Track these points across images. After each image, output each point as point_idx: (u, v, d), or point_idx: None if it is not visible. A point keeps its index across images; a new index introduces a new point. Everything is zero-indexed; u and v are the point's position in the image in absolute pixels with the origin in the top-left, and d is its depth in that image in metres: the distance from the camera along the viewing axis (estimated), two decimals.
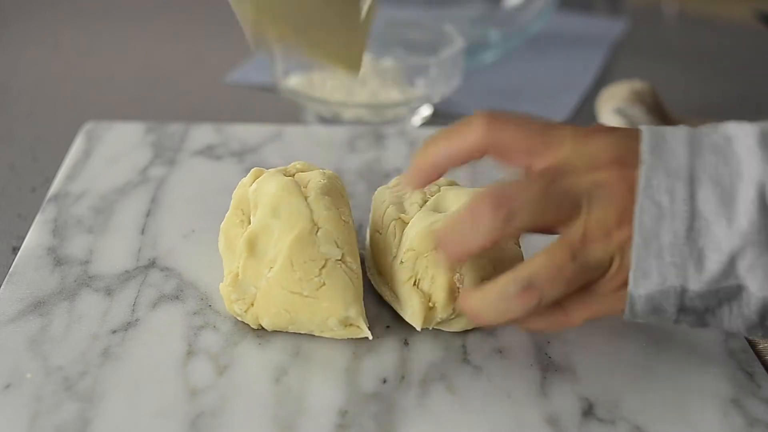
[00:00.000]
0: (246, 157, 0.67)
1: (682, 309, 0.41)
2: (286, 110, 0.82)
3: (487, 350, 0.48)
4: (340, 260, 0.47)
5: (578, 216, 0.41)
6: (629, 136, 0.42)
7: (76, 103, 0.84)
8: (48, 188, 0.63)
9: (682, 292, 0.40)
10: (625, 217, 0.40)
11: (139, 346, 0.47)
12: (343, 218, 0.49)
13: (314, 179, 0.51)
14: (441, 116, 0.81)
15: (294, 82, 0.78)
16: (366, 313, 0.49)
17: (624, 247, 0.40)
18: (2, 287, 0.51)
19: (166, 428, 0.42)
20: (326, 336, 0.48)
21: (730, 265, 0.39)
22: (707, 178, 0.40)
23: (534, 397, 0.45)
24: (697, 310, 0.41)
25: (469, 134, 0.43)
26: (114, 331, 0.48)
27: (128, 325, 0.49)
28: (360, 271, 0.48)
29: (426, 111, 0.81)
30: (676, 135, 0.42)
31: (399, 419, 0.43)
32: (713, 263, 0.39)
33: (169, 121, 0.73)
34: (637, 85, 0.77)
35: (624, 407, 0.44)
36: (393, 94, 0.77)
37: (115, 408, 0.43)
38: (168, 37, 1.01)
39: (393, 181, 0.55)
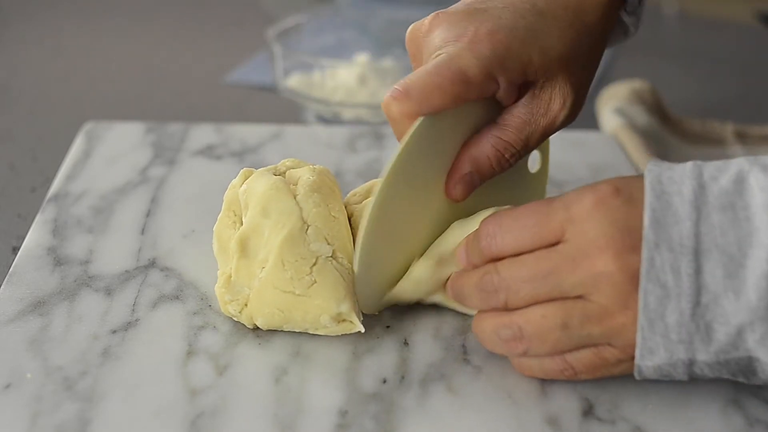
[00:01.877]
0: (246, 157, 0.67)
1: (693, 376, 0.41)
2: (286, 110, 0.82)
3: (487, 350, 0.48)
4: (330, 257, 0.47)
5: (579, 299, 0.41)
6: (628, 206, 0.41)
7: (76, 103, 0.84)
8: (48, 188, 0.63)
9: (691, 363, 0.40)
10: (629, 304, 0.40)
11: (139, 346, 0.47)
12: (333, 214, 0.49)
13: (304, 176, 0.51)
14: None
15: (294, 82, 0.78)
16: (365, 313, 0.49)
17: (624, 330, 0.41)
18: (2, 287, 0.51)
19: (166, 428, 0.42)
20: (321, 333, 0.48)
21: (739, 337, 0.39)
22: (714, 248, 0.39)
23: (534, 397, 0.45)
24: (706, 376, 0.41)
25: (485, 248, 0.44)
26: (114, 331, 0.48)
27: (128, 325, 0.49)
28: (352, 265, 0.48)
29: None
30: (682, 192, 0.40)
31: (399, 419, 0.43)
32: (721, 335, 0.39)
33: (169, 121, 0.73)
34: (637, 84, 0.77)
35: (624, 407, 0.44)
36: None
37: (115, 408, 0.43)
38: (168, 37, 1.01)
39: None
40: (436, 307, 0.51)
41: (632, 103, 0.75)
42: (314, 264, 0.47)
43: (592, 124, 0.77)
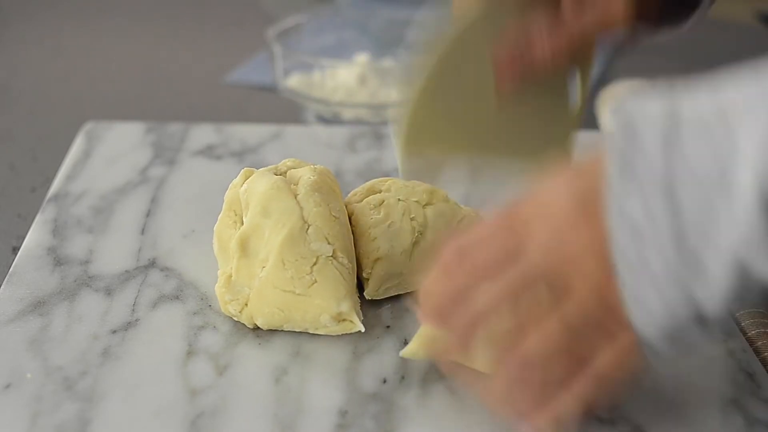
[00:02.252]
0: (246, 157, 0.67)
1: (701, 323, 0.35)
2: (286, 110, 0.82)
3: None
4: (331, 256, 0.47)
5: (556, 288, 0.38)
6: (587, 173, 0.38)
7: (76, 103, 0.84)
8: (48, 188, 0.63)
9: (695, 305, 0.35)
10: (607, 281, 0.36)
11: (139, 346, 0.47)
12: (333, 213, 0.49)
13: (304, 176, 0.51)
14: None
15: (294, 82, 0.78)
16: (365, 313, 0.49)
17: (609, 283, 0.36)
18: (2, 287, 0.51)
19: (166, 428, 0.42)
20: (321, 333, 0.48)
21: (741, 266, 0.33)
22: (688, 177, 0.34)
23: None
24: (718, 319, 0.35)
25: (449, 282, 0.40)
26: (114, 331, 0.48)
27: (128, 325, 0.49)
28: (352, 265, 0.48)
29: None
30: (652, 122, 0.35)
31: (399, 419, 0.43)
32: (715, 265, 0.34)
33: (169, 121, 0.73)
34: (636, 83, 0.77)
35: (624, 407, 0.44)
36: (393, 94, 0.77)
37: (115, 408, 0.43)
38: (168, 37, 1.01)
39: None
40: None
41: None
42: (315, 263, 0.47)
43: (591, 124, 0.77)
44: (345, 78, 0.78)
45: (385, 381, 0.45)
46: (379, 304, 0.51)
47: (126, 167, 0.65)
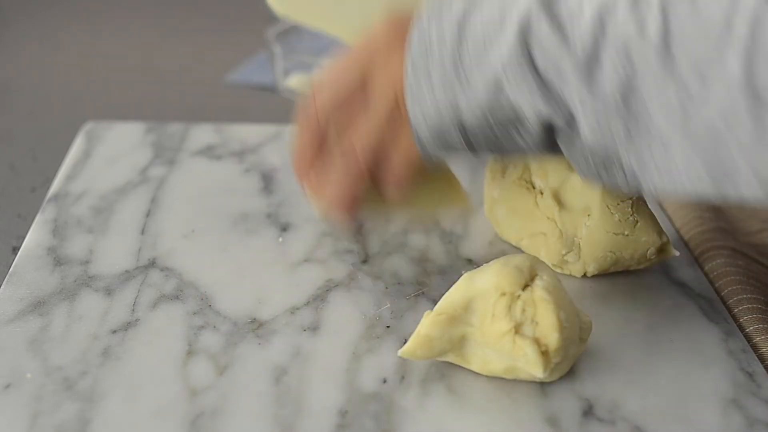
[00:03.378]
0: (246, 157, 0.67)
1: (462, 130, 0.43)
2: (286, 110, 0.82)
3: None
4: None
5: (367, 72, 0.46)
6: (406, 16, 0.46)
7: (76, 103, 0.84)
8: (48, 188, 0.63)
9: (456, 110, 0.43)
10: (396, 50, 0.44)
11: (139, 346, 0.47)
12: None
13: None
14: None
15: (294, 82, 0.78)
16: (365, 312, 0.49)
17: (401, 79, 0.44)
18: (2, 287, 0.51)
19: (166, 428, 0.42)
20: (642, 267, 0.54)
21: (497, 84, 0.41)
22: (478, 23, 0.42)
23: (534, 397, 0.45)
24: (483, 134, 0.43)
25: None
26: (114, 331, 0.48)
27: (128, 325, 0.49)
28: None
29: None
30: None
31: (399, 419, 0.43)
32: (478, 79, 0.41)
33: (169, 121, 0.73)
34: None
35: (624, 407, 0.44)
36: None
37: (115, 408, 0.43)
38: (168, 37, 1.01)
39: None
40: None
41: None
42: (632, 205, 0.52)
43: None
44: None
45: (385, 381, 0.45)
46: (379, 304, 0.51)
47: (126, 167, 0.65)
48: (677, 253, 0.53)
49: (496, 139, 0.43)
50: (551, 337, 0.43)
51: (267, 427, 0.42)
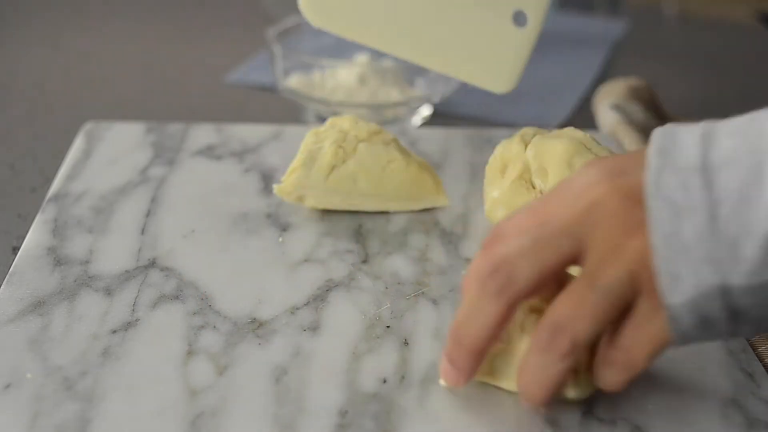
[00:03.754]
0: (246, 157, 0.67)
1: (733, 313, 0.37)
2: (286, 110, 0.82)
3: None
4: None
5: (583, 247, 0.38)
6: (626, 154, 0.40)
7: (76, 103, 0.84)
8: (48, 188, 0.63)
9: (726, 290, 0.36)
10: (632, 225, 0.37)
11: (139, 346, 0.47)
12: None
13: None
14: (441, 116, 0.81)
15: (294, 82, 0.78)
16: (365, 313, 0.49)
17: (643, 258, 0.37)
18: (2, 287, 0.51)
19: (166, 428, 0.42)
20: None
21: None
22: (725, 163, 0.36)
23: None
24: (752, 314, 0.37)
25: (489, 308, 0.40)
26: (114, 331, 0.48)
27: (128, 325, 0.49)
28: None
29: (426, 111, 0.81)
30: (688, 130, 0.38)
31: (399, 419, 0.43)
32: (749, 249, 0.35)
33: (169, 121, 0.73)
34: (634, 81, 0.77)
35: (624, 407, 0.44)
36: (393, 94, 0.77)
37: (115, 408, 0.43)
38: (168, 37, 1.01)
39: None
40: (436, 307, 0.51)
41: (629, 100, 0.75)
42: None
43: (590, 124, 0.77)
44: (345, 78, 0.78)
45: (385, 381, 0.45)
46: (379, 304, 0.51)
47: (126, 167, 0.65)
48: None
49: (760, 317, 0.37)
50: (582, 355, 0.42)
51: (267, 427, 0.42)
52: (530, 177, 0.56)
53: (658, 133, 0.39)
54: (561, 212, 0.39)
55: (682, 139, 0.38)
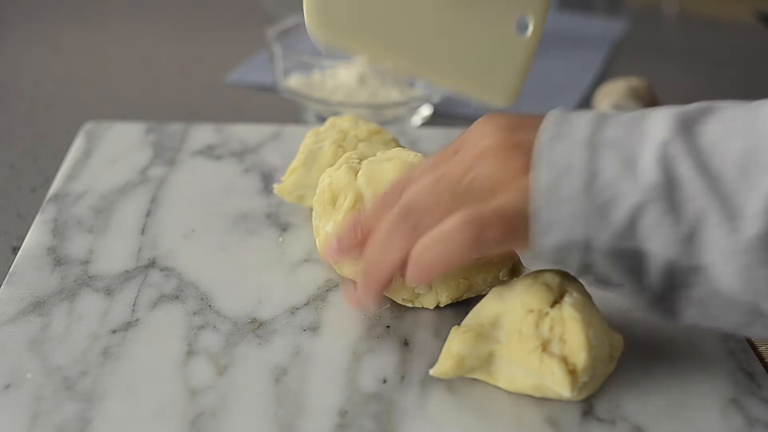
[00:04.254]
0: (246, 157, 0.67)
1: (586, 266, 0.41)
2: (286, 110, 0.82)
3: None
4: None
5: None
6: (524, 116, 0.44)
7: (76, 103, 0.84)
8: (48, 188, 0.63)
9: (587, 246, 0.40)
10: (509, 164, 0.42)
11: (139, 346, 0.47)
12: None
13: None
14: (441, 116, 0.81)
15: (294, 82, 0.78)
16: (366, 313, 0.49)
17: (508, 183, 0.41)
18: (2, 287, 0.51)
19: (166, 428, 0.42)
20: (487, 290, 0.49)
21: (632, 220, 0.39)
22: (608, 145, 0.40)
23: (534, 397, 0.45)
24: (600, 271, 0.41)
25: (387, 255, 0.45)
26: (114, 331, 0.48)
27: (128, 325, 0.49)
28: None
29: (426, 111, 0.81)
30: (582, 114, 0.42)
31: (399, 419, 0.43)
32: (617, 215, 0.39)
33: (169, 121, 0.73)
34: (634, 81, 0.77)
35: (624, 407, 0.44)
36: (393, 94, 0.77)
37: (115, 408, 0.43)
38: (168, 37, 1.01)
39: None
40: (436, 307, 0.51)
41: (629, 100, 0.75)
42: None
43: None
44: (345, 78, 0.78)
45: (385, 381, 0.45)
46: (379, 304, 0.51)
47: (126, 167, 0.65)
48: (529, 271, 0.49)
49: (609, 273, 0.41)
50: (579, 356, 0.42)
51: (267, 427, 0.42)
52: (365, 205, 0.51)
53: (555, 111, 0.43)
54: (457, 160, 0.44)
55: (575, 119, 0.42)
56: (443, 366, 0.44)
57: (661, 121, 0.40)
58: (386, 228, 0.44)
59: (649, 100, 0.77)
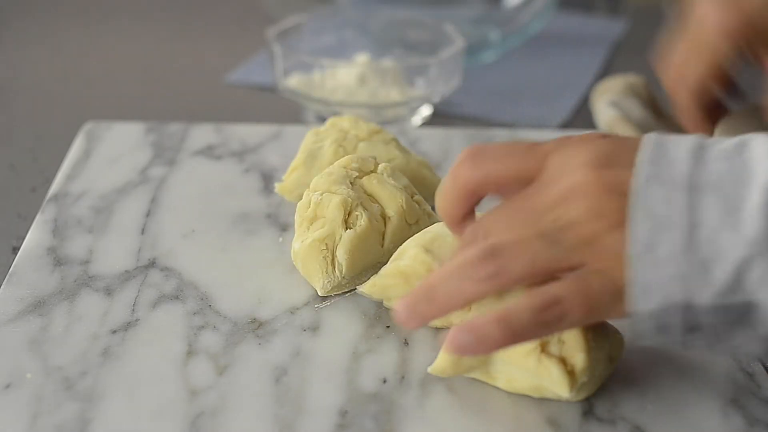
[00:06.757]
0: (246, 157, 0.67)
1: (691, 328, 0.38)
2: (286, 110, 0.82)
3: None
4: None
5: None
6: (619, 141, 0.40)
7: (76, 103, 0.84)
8: (48, 188, 0.63)
9: (688, 307, 0.37)
10: (603, 212, 0.38)
11: (139, 346, 0.47)
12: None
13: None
14: (441, 116, 0.81)
15: (294, 82, 0.78)
16: (366, 313, 0.49)
17: (599, 241, 0.38)
18: (2, 287, 0.51)
19: (166, 428, 0.42)
20: None
21: (738, 276, 0.36)
22: (709, 188, 0.37)
23: (534, 397, 0.45)
24: (707, 331, 0.38)
25: (459, 178, 0.42)
26: (114, 331, 0.48)
27: (128, 325, 0.49)
28: None
29: (426, 111, 0.81)
30: (680, 143, 0.39)
31: (399, 419, 0.43)
32: (719, 273, 0.36)
33: (169, 121, 0.73)
34: (631, 78, 0.77)
35: (624, 407, 0.44)
36: (393, 94, 0.77)
37: (115, 408, 0.43)
38: (168, 37, 1.01)
39: None
40: None
41: (627, 97, 0.75)
42: None
43: (590, 124, 0.77)
44: (345, 78, 0.78)
45: (385, 381, 0.45)
46: (380, 303, 0.51)
47: (126, 167, 0.65)
48: None
49: (715, 334, 0.38)
50: (577, 357, 0.42)
51: (267, 427, 0.42)
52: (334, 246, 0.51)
53: (653, 136, 0.40)
54: (544, 190, 0.40)
55: (674, 149, 0.39)
56: (441, 364, 0.45)
57: (764, 155, 0.37)
58: (467, 261, 0.40)
59: (647, 96, 0.76)
